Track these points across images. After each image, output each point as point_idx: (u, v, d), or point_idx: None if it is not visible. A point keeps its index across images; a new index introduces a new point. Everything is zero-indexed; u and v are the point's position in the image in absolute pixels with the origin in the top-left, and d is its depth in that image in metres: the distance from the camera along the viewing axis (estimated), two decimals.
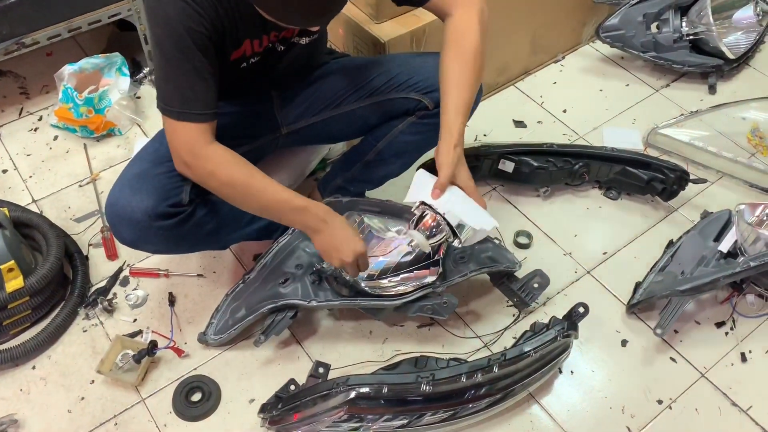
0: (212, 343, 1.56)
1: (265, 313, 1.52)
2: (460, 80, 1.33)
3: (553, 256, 1.79)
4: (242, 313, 1.53)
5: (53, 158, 2.01)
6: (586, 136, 2.09)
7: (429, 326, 1.64)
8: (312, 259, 1.54)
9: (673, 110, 2.16)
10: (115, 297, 1.68)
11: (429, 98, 1.47)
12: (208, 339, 1.56)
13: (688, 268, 1.62)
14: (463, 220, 1.33)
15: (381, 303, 1.50)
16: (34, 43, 1.94)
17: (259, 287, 1.54)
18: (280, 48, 1.41)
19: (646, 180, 1.83)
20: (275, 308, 1.50)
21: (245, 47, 1.35)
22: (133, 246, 1.40)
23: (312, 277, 1.51)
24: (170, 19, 1.18)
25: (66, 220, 1.84)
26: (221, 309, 1.56)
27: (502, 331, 1.63)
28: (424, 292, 1.49)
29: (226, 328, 1.54)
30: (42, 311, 1.63)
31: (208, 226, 1.42)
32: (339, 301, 1.51)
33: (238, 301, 1.55)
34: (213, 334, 1.55)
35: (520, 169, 1.84)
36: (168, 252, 1.52)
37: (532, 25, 2.14)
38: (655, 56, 2.20)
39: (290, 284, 1.51)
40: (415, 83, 1.48)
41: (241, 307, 1.54)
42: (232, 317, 1.54)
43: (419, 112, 1.50)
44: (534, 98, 2.21)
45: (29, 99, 2.17)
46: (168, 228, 1.33)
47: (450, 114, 1.32)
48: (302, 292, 1.51)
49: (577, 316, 1.52)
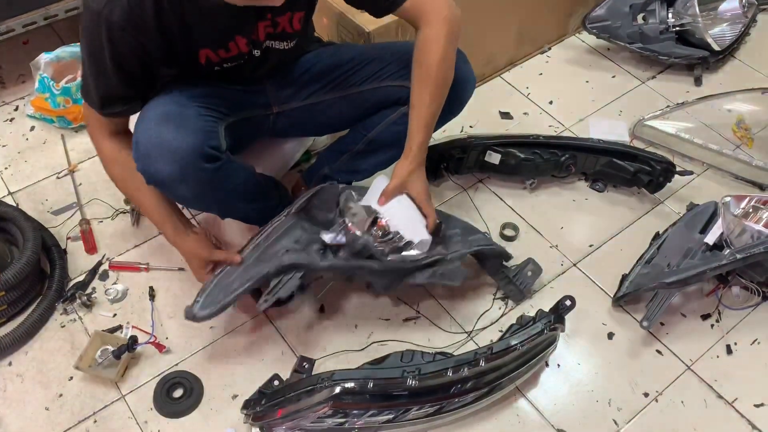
0: (201, 317, 1.35)
1: (268, 277, 1.38)
2: (422, 98, 1.38)
3: (539, 249, 1.78)
4: (235, 286, 1.38)
5: (30, 149, 1.96)
6: (573, 128, 2.08)
7: (415, 320, 1.63)
8: (312, 236, 1.45)
9: (659, 102, 2.16)
10: (94, 291, 1.65)
11: None
12: (195, 312, 1.35)
13: (675, 260, 1.62)
14: (399, 230, 1.43)
15: (394, 265, 1.44)
16: (9, 30, 1.89)
17: (252, 265, 1.39)
18: (256, 53, 1.37)
19: (633, 172, 1.83)
20: (281, 269, 1.38)
21: (207, 55, 1.32)
22: (169, 184, 1.29)
23: (317, 246, 1.42)
24: (93, 14, 1.17)
25: (43, 212, 1.80)
26: (207, 289, 1.38)
27: (489, 325, 1.62)
28: (435, 258, 1.47)
29: (216, 301, 1.36)
30: (18, 306, 1.59)
31: (239, 184, 1.41)
32: (348, 263, 1.42)
33: (230, 278, 1.39)
34: (200, 308, 1.36)
35: (506, 160, 1.82)
36: (195, 202, 1.49)
37: (518, 16, 2.12)
38: (642, 47, 2.20)
39: (292, 254, 1.39)
40: (408, 72, 1.43)
41: (233, 283, 1.38)
42: (223, 291, 1.37)
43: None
44: (520, 89, 2.19)
45: (5, 88, 2.12)
46: (208, 171, 1.29)
47: (411, 130, 1.41)
48: (307, 258, 1.40)
49: (564, 309, 1.51)
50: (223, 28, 1.30)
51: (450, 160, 1.85)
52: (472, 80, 1.49)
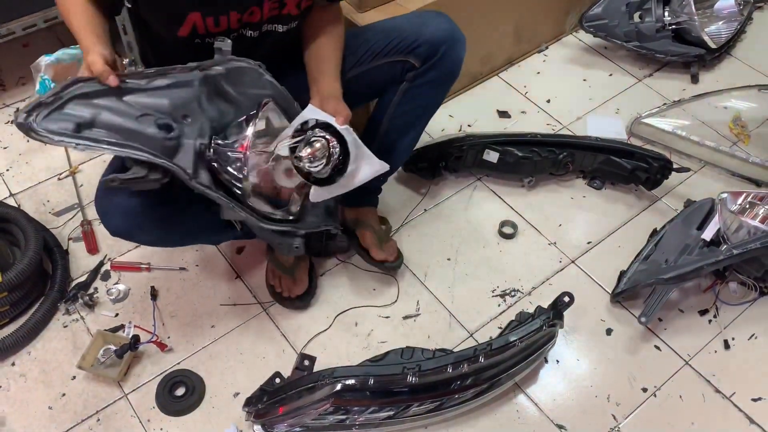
0: (39, 134, 1.03)
1: (128, 159, 1.11)
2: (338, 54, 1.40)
3: (537, 246, 1.79)
4: (91, 124, 1.07)
5: (31, 151, 1.97)
6: (570, 126, 2.09)
7: (414, 317, 1.64)
8: (203, 119, 1.20)
9: (656, 100, 2.17)
10: (96, 291, 1.66)
11: (414, 56, 1.42)
12: (33, 124, 1.02)
13: (672, 256, 1.63)
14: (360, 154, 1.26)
15: (248, 211, 1.25)
16: (9, 33, 1.91)
17: (129, 108, 1.12)
18: (250, 34, 1.31)
19: (630, 169, 1.84)
20: (149, 163, 1.11)
21: (195, 22, 1.23)
22: (127, 237, 1.32)
23: (200, 145, 1.18)
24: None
25: (45, 214, 1.81)
26: (60, 93, 1.05)
27: (488, 322, 1.63)
28: (286, 226, 1.32)
29: (66, 130, 1.05)
30: (21, 307, 1.60)
31: (202, 219, 1.37)
32: (217, 194, 1.19)
33: (101, 100, 1.08)
34: (43, 119, 1.03)
35: (504, 159, 1.84)
36: (162, 243, 1.45)
37: (515, 15, 2.13)
38: (638, 46, 2.21)
39: (173, 139, 1.14)
40: (395, 45, 1.42)
41: (94, 114, 1.08)
42: (75, 119, 1.06)
43: (409, 75, 1.45)
44: (518, 88, 2.21)
45: (5, 91, 2.13)
46: (162, 217, 1.28)
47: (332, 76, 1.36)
48: (184, 160, 1.16)
49: (563, 305, 1.52)
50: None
51: (448, 159, 1.86)
52: (462, 39, 1.45)
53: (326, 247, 1.72)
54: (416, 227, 1.82)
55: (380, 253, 1.65)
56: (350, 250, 1.74)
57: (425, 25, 1.39)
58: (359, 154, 1.25)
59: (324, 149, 1.22)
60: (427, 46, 1.40)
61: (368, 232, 1.67)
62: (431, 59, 1.42)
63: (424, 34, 1.40)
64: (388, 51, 1.44)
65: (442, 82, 1.48)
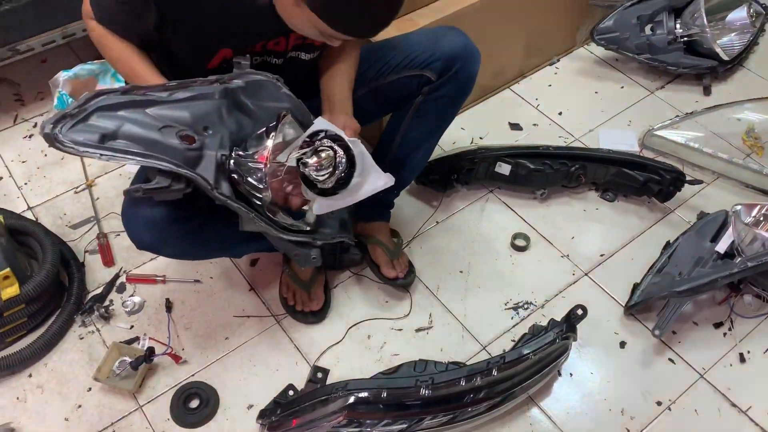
0: (65, 144, 1.02)
1: (154, 169, 1.11)
2: (351, 76, 1.42)
3: (550, 259, 1.79)
4: (115, 135, 1.08)
5: (48, 165, 2.00)
6: (582, 138, 2.09)
7: (427, 330, 1.64)
8: (223, 131, 1.21)
9: (668, 112, 2.17)
10: (112, 304, 1.67)
11: (429, 70, 1.44)
12: (59, 135, 1.02)
13: (686, 269, 1.62)
14: (367, 167, 1.26)
15: (266, 222, 1.24)
16: (29, 49, 1.93)
17: (152, 119, 1.13)
18: (275, 61, 1.36)
19: (642, 181, 1.84)
20: (172, 173, 1.11)
21: (225, 57, 1.28)
22: (152, 250, 1.33)
23: (221, 156, 1.19)
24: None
25: (62, 226, 1.83)
26: (84, 105, 1.06)
27: (501, 334, 1.63)
28: (303, 237, 1.31)
29: (91, 141, 1.05)
30: (38, 319, 1.62)
31: (224, 233, 1.39)
32: (238, 205, 1.19)
33: (124, 112, 1.10)
34: (68, 130, 1.04)
35: (516, 171, 1.84)
36: (186, 255, 1.46)
37: (526, 28, 2.14)
38: (650, 58, 2.21)
39: (195, 150, 1.15)
40: (411, 60, 1.44)
41: (117, 125, 1.08)
42: (99, 130, 1.06)
43: (425, 89, 1.47)
44: (529, 101, 2.21)
45: (24, 106, 2.16)
46: (187, 231, 1.30)
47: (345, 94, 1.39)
48: (206, 170, 1.16)
49: (576, 318, 1.52)
50: (256, 30, 1.27)
51: (460, 171, 1.87)
52: (477, 54, 1.47)
53: (340, 260, 1.73)
54: (428, 240, 1.83)
55: (391, 270, 1.66)
56: (363, 263, 1.75)
57: (441, 41, 1.41)
58: (366, 167, 1.26)
59: (330, 159, 1.23)
60: (443, 61, 1.42)
61: (379, 248, 1.68)
62: (447, 73, 1.43)
63: (440, 49, 1.42)
64: (404, 66, 1.45)
65: (456, 96, 1.49)
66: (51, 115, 1.08)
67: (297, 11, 1.15)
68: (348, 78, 1.41)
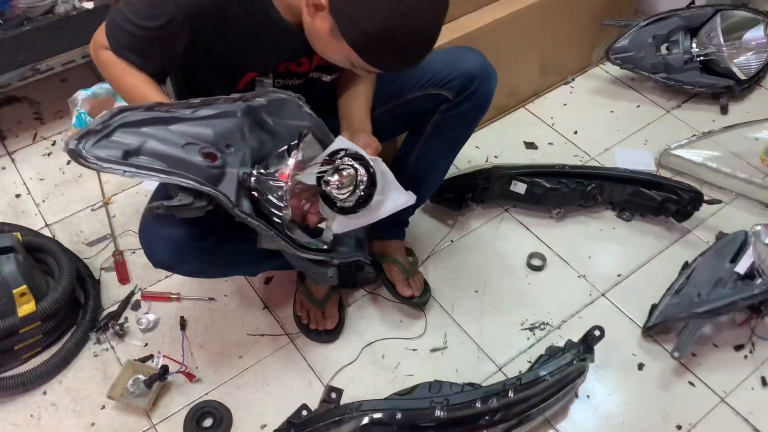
0: (88, 160, 1.03)
1: (174, 186, 1.11)
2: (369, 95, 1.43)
3: (567, 279, 1.77)
4: (138, 151, 1.08)
5: (66, 183, 2.02)
6: (598, 158, 2.08)
7: (442, 350, 1.62)
8: (245, 149, 1.21)
9: (685, 131, 2.15)
10: (127, 321, 1.68)
11: (447, 89, 1.44)
12: (83, 151, 1.03)
13: (705, 290, 1.60)
14: (388, 185, 1.25)
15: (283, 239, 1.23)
16: (49, 69, 1.97)
17: (175, 136, 1.13)
18: (295, 83, 1.37)
19: (660, 201, 1.82)
20: (195, 191, 1.11)
21: (250, 80, 1.31)
22: (170, 268, 1.34)
23: (242, 174, 1.19)
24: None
25: (78, 244, 1.85)
26: (108, 121, 1.06)
27: (517, 356, 1.61)
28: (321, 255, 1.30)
29: (114, 157, 1.05)
30: (53, 336, 1.62)
31: (242, 251, 1.39)
32: (258, 222, 1.18)
33: (148, 129, 1.10)
34: (92, 146, 1.04)
35: (532, 190, 1.83)
36: (203, 274, 1.46)
37: (542, 48, 2.15)
38: (666, 77, 2.20)
39: (217, 168, 1.15)
40: (429, 79, 1.44)
41: (141, 142, 1.08)
42: (122, 147, 1.06)
43: (442, 107, 1.47)
44: (545, 120, 2.21)
45: (43, 124, 2.19)
46: (205, 249, 1.30)
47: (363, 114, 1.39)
48: (228, 188, 1.16)
49: (593, 339, 1.50)
50: (285, 51, 1.27)
51: (475, 190, 1.86)
52: (494, 74, 1.47)
53: (354, 279, 1.73)
54: (443, 258, 1.82)
55: (407, 289, 1.65)
56: (378, 282, 1.74)
57: (459, 60, 1.42)
58: (387, 185, 1.26)
59: (351, 178, 1.23)
60: (462, 80, 1.42)
61: (395, 266, 1.67)
62: (464, 92, 1.44)
63: (458, 69, 1.42)
64: (421, 84, 1.46)
65: (473, 115, 1.50)
66: (70, 134, 1.10)
67: (332, 42, 1.14)
68: (366, 97, 1.42)
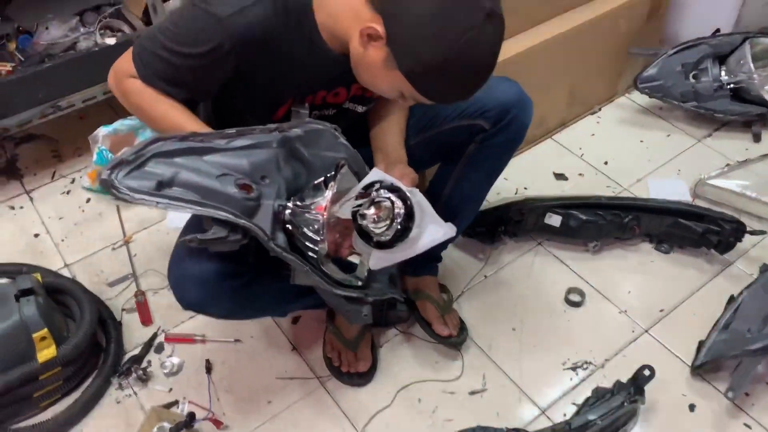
0: (121, 191, 1.00)
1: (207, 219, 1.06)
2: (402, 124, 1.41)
3: (607, 315, 1.70)
4: (171, 182, 1.05)
5: (85, 221, 1.97)
6: (631, 188, 2.02)
7: (481, 393, 1.55)
8: (280, 181, 1.16)
9: (718, 160, 2.10)
10: (150, 365, 1.60)
11: (484, 119, 1.39)
12: (115, 182, 1.00)
13: (755, 325, 1.52)
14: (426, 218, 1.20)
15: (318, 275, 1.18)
16: (70, 105, 1.94)
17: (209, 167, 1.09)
18: (329, 113, 1.33)
19: (701, 232, 1.76)
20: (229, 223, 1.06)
21: (288, 107, 1.27)
22: (200, 309, 1.27)
23: (278, 207, 1.15)
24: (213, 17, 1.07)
25: (99, 284, 1.79)
26: (141, 152, 1.03)
27: (560, 397, 1.53)
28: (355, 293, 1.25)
29: (146, 188, 1.02)
30: (74, 382, 1.55)
31: (273, 290, 1.34)
32: (293, 257, 1.13)
33: (181, 159, 1.06)
34: (124, 177, 1.01)
35: (567, 222, 1.77)
36: (233, 315, 1.40)
37: (569, 78, 2.11)
38: (697, 106, 2.16)
39: (253, 200, 1.11)
40: (465, 109, 1.40)
41: (174, 172, 1.05)
42: (155, 177, 1.03)
43: (478, 137, 1.42)
44: (573, 150, 2.16)
45: (62, 162, 2.15)
46: (237, 288, 1.24)
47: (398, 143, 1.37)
48: (263, 221, 1.11)
49: (643, 379, 1.42)
50: (325, 80, 1.24)
51: (508, 223, 1.80)
52: (530, 103, 1.43)
53: (386, 317, 1.66)
54: (477, 295, 1.75)
55: (443, 327, 1.58)
56: (410, 320, 1.67)
57: (495, 89, 1.37)
58: (425, 217, 1.21)
59: (389, 211, 1.17)
60: (498, 110, 1.38)
61: (430, 304, 1.61)
62: (501, 122, 1.39)
63: (495, 98, 1.38)
64: (456, 114, 1.41)
65: (510, 145, 1.45)
66: (90, 171, 1.07)
67: (383, 72, 1.09)
68: (400, 128, 1.38)
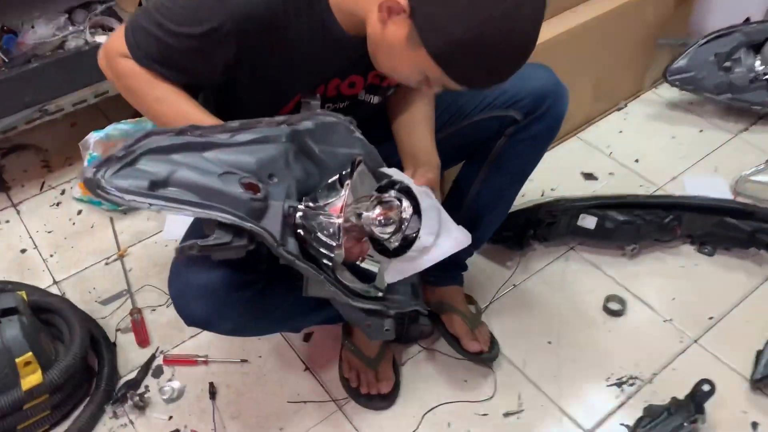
0: (108, 192, 0.87)
1: (212, 222, 0.93)
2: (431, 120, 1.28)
3: (651, 324, 1.54)
4: (167, 182, 0.91)
5: (76, 234, 1.82)
6: (666, 187, 1.88)
7: (518, 414, 1.39)
8: (290, 179, 1.03)
9: (757, 155, 1.95)
10: (147, 390, 1.45)
11: (516, 109, 1.26)
12: (101, 181, 0.87)
13: None
14: (441, 222, 1.09)
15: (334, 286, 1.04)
16: (58, 110, 1.80)
17: (211, 164, 0.95)
18: (342, 105, 1.20)
19: (750, 232, 1.61)
20: (234, 227, 0.93)
21: (298, 101, 1.14)
22: (206, 325, 1.12)
23: (288, 208, 1.02)
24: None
25: (91, 302, 1.63)
26: (131, 147, 0.89)
27: (606, 417, 1.37)
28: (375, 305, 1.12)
29: (138, 188, 0.88)
30: (63, 410, 1.39)
31: (286, 302, 1.18)
32: (306, 265, 1.00)
33: (179, 156, 0.93)
34: (112, 176, 0.88)
35: (603, 224, 1.62)
36: (241, 331, 1.24)
37: (594, 73, 1.97)
38: (732, 98, 2.02)
39: (260, 200, 0.97)
40: (495, 98, 1.27)
41: (170, 170, 0.92)
42: (149, 176, 0.90)
43: (509, 129, 1.28)
44: (600, 148, 2.01)
45: (51, 172, 2.00)
46: (247, 300, 1.08)
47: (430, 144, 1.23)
48: (271, 224, 0.98)
49: (703, 395, 1.27)
50: (339, 68, 1.11)
51: (538, 226, 1.65)
52: (566, 91, 1.30)
53: (407, 332, 1.50)
54: (507, 306, 1.59)
55: (473, 343, 1.43)
56: (434, 335, 1.52)
57: (527, 77, 1.22)
58: (435, 222, 1.07)
59: (396, 213, 1.05)
60: (532, 98, 1.24)
61: (457, 317, 1.45)
62: (535, 112, 1.25)
63: (528, 86, 1.24)
64: (486, 105, 1.28)
65: (545, 138, 1.32)
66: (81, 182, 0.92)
67: (405, 52, 0.96)
68: (429, 128, 1.24)
